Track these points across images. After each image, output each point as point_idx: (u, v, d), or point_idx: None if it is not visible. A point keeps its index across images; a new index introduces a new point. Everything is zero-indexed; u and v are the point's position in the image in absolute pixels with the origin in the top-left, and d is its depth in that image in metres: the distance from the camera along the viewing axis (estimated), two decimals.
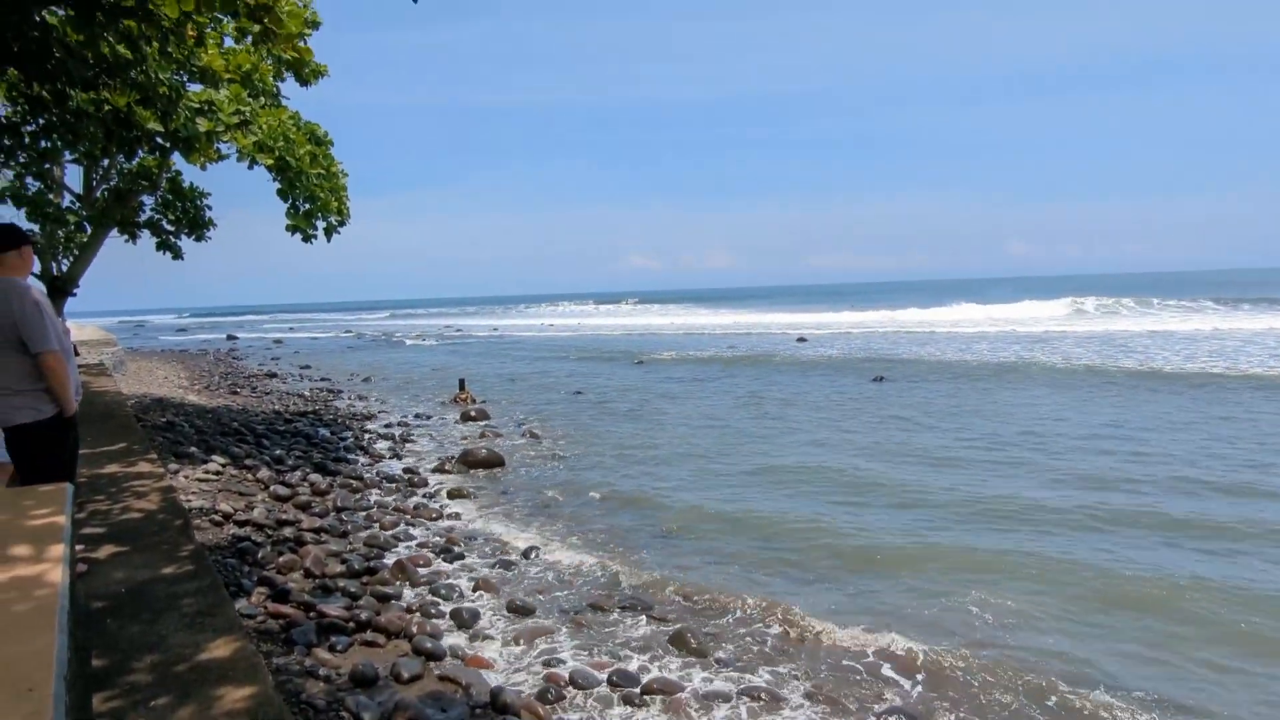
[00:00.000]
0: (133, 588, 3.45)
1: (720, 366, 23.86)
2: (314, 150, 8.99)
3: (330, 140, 9.66)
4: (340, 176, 9.64)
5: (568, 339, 40.33)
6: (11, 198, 12.36)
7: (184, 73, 7.59)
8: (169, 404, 14.10)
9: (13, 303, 3.36)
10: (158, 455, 7.18)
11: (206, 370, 25.30)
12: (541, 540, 7.42)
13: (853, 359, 24.03)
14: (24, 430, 3.50)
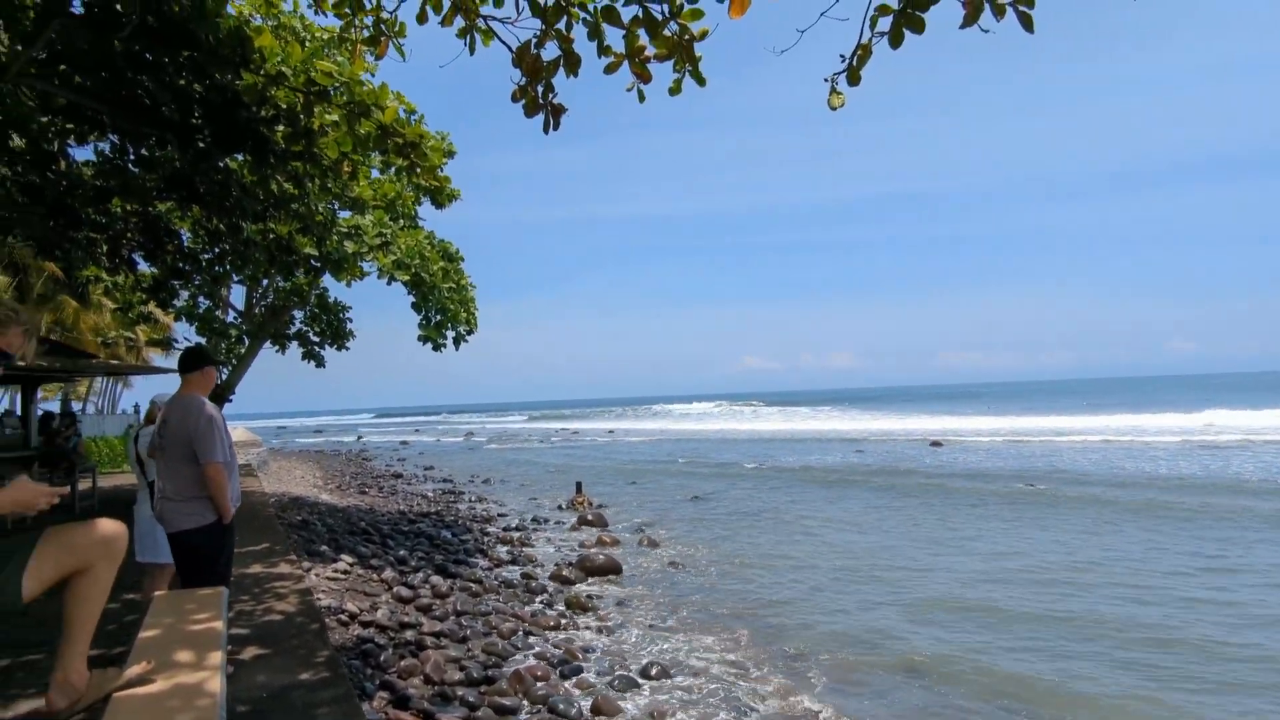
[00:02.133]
0: (274, 692, 3.67)
1: (847, 474, 22.93)
2: (446, 266, 9.91)
3: (461, 256, 10.65)
4: (469, 289, 10.53)
5: (684, 442, 40.17)
6: (186, 315, 14.35)
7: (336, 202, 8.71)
8: (304, 503, 15.21)
9: (189, 418, 3.85)
10: (295, 555, 7.72)
11: (339, 470, 27.24)
12: (660, 657, 7.22)
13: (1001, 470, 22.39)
14: (188, 535, 3.91)
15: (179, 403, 3.91)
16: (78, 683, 2.30)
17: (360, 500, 17.57)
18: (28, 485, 2.12)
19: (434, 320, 10.03)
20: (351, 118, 5.33)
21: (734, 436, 43.81)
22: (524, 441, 47.59)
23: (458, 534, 13.25)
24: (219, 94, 6.08)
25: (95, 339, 25.13)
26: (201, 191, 7.89)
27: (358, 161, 6.77)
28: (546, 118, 3.38)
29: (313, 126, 5.79)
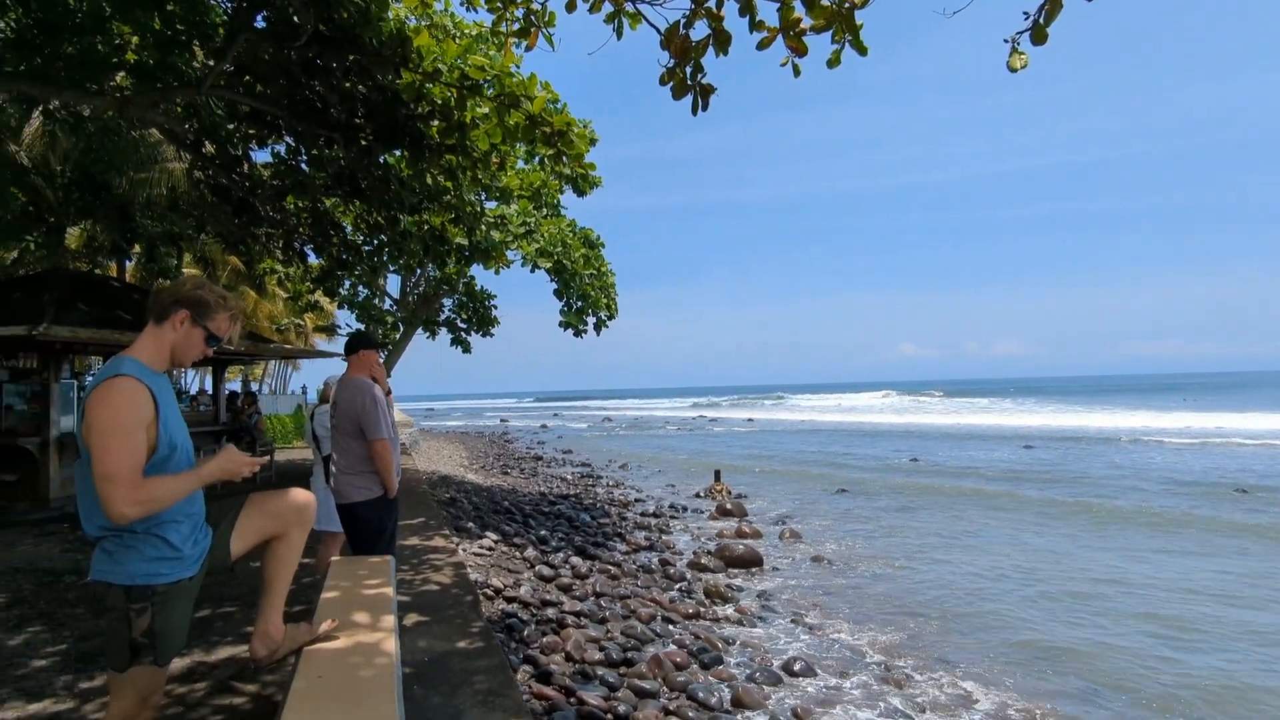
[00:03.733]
0: (434, 658, 4.03)
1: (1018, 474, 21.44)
2: (587, 253, 10.27)
3: (602, 243, 10.99)
4: (610, 275, 10.86)
5: (832, 433, 39.04)
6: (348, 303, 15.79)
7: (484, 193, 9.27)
8: (452, 481, 16.34)
9: (357, 398, 4.27)
10: (448, 530, 8.34)
11: (483, 451, 28.99)
12: (804, 654, 7.16)
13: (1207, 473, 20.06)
14: (357, 507, 4.36)
15: (347, 384, 4.35)
16: (276, 634, 2.64)
17: (503, 481, 18.63)
18: (235, 455, 2.45)
19: (575, 306, 10.45)
20: (501, 109, 5.65)
21: (888, 429, 41.74)
22: (661, 428, 48.32)
23: (596, 517, 13.74)
24: (380, 93, 6.64)
25: (271, 326, 28.26)
26: (363, 186, 8.66)
27: (506, 152, 7.16)
28: (695, 99, 3.42)
29: (465, 120, 6.19)
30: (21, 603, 5.54)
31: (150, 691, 2.28)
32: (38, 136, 15.98)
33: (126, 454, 2.08)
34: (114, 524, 2.13)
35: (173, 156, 17.28)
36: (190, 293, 2.36)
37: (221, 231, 13.06)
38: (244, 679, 3.92)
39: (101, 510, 2.11)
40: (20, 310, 9.79)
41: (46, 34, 8.89)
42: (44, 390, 10.29)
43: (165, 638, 2.23)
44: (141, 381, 2.17)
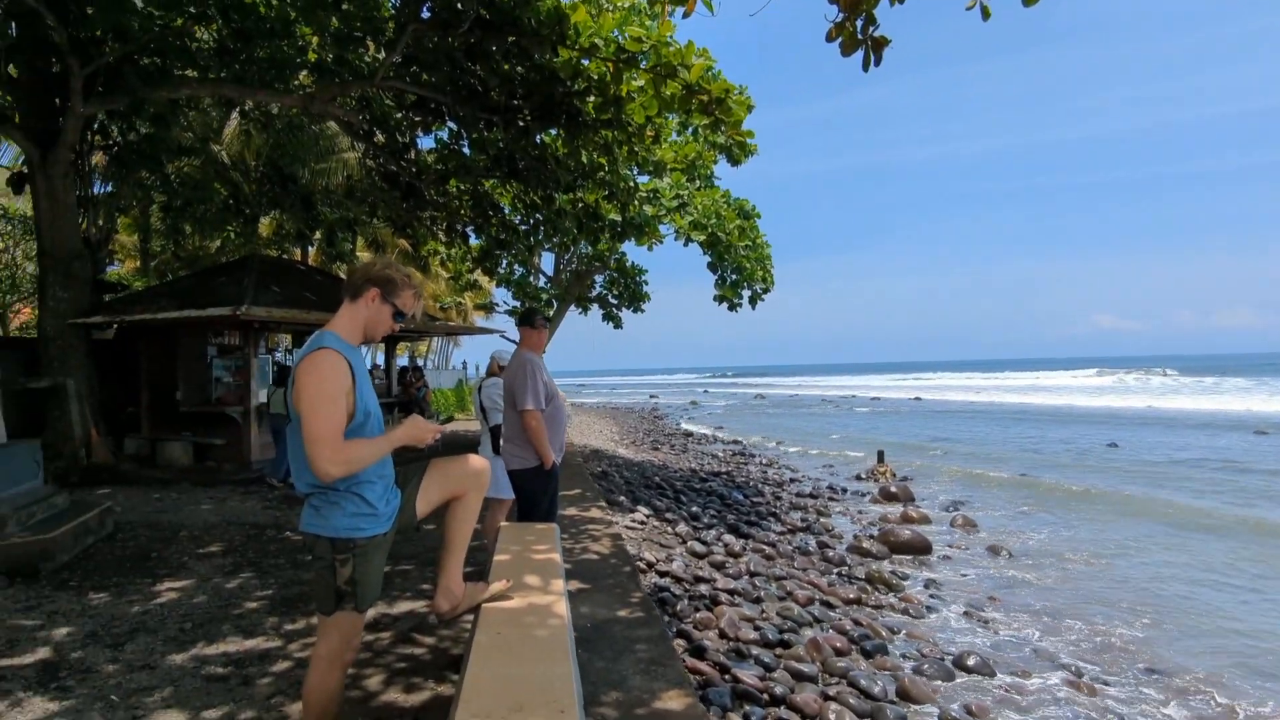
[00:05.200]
0: (596, 624, 4.27)
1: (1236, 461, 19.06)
2: (742, 224, 10.22)
3: (758, 213, 10.87)
4: (765, 247, 10.75)
5: (1014, 414, 36.17)
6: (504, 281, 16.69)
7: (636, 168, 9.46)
8: (603, 455, 16.93)
9: (514, 370, 4.55)
10: (604, 502, 8.70)
11: (633, 426, 29.77)
12: (979, 649, 6.83)
13: None
14: (516, 475, 4.66)
15: (512, 357, 4.66)
16: (457, 591, 2.91)
17: (653, 456, 19.07)
18: (420, 423, 2.71)
19: (730, 280, 10.46)
20: (657, 80, 5.74)
21: (1084, 413, 37.25)
22: (819, 405, 47.31)
23: (749, 495, 13.76)
24: (538, 72, 6.95)
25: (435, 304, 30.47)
26: (521, 167, 9.12)
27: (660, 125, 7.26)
28: (866, 53, 3.30)
29: (620, 94, 6.34)
30: (233, 551, 6.43)
31: (351, 635, 2.60)
32: (235, 136, 18.12)
33: (331, 419, 2.37)
34: (320, 482, 2.44)
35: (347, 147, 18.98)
36: (380, 272, 2.63)
37: (391, 216, 14.24)
38: (422, 631, 4.35)
39: (309, 469, 2.42)
40: (224, 293, 11.23)
41: (243, 41, 10.06)
42: (245, 364, 11.74)
43: (364, 586, 2.53)
44: (341, 353, 2.45)
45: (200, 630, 4.42)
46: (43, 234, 10.52)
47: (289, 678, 3.70)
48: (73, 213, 10.73)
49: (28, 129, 10.01)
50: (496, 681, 2.17)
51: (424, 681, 3.62)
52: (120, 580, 5.54)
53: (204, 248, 21.29)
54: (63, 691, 3.56)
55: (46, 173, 10.09)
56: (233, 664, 3.90)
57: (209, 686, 3.62)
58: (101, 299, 11.64)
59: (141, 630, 4.43)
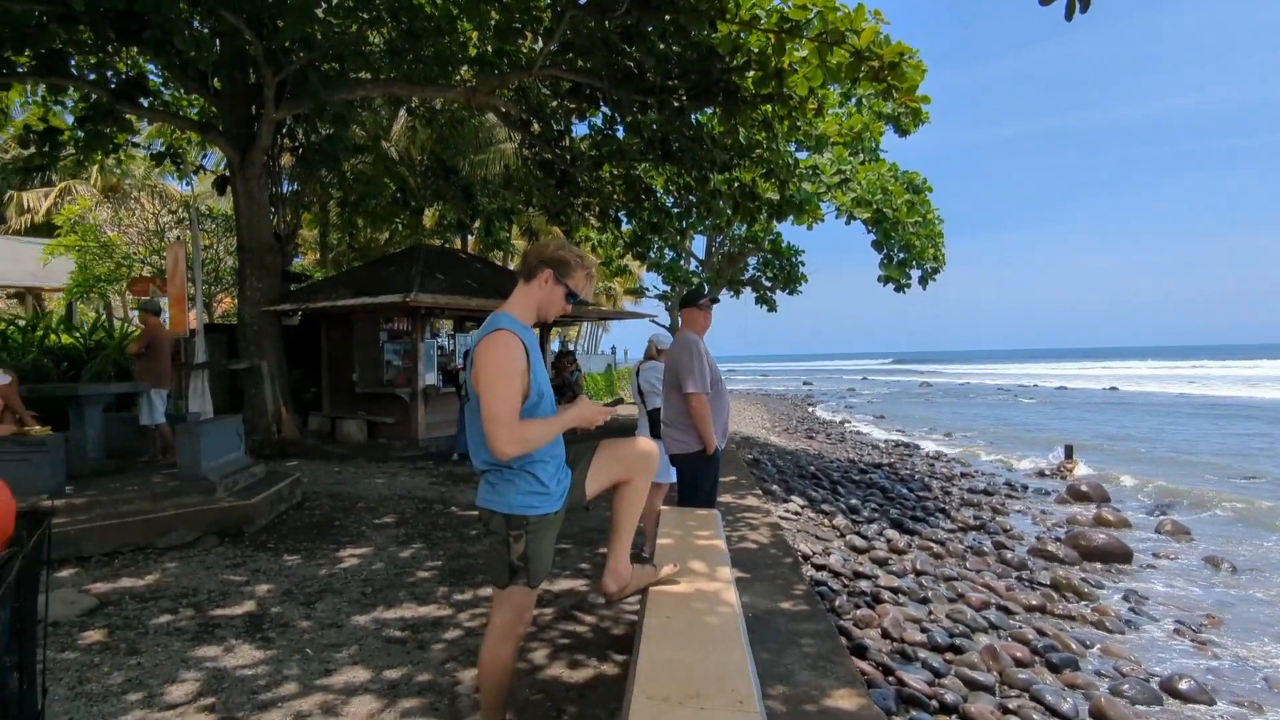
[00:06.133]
0: (758, 614, 4.22)
1: None
2: (911, 199, 9.70)
3: (929, 187, 10.26)
4: (937, 223, 10.14)
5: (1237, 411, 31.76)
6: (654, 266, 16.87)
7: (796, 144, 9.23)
8: (754, 442, 16.76)
9: (677, 352, 4.55)
10: (760, 491, 8.62)
11: (785, 414, 29.28)
12: (1193, 673, 6.14)
13: None
14: (676, 459, 4.67)
15: (675, 339, 4.67)
16: (624, 573, 2.96)
17: (808, 445, 18.65)
18: (590, 405, 2.77)
19: (897, 258, 9.97)
20: (823, 49, 5.53)
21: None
22: (994, 395, 44.39)
23: (914, 490, 13.14)
24: (694, 50, 6.91)
25: None
26: (675, 148, 9.15)
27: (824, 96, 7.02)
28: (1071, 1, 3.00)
29: (783, 65, 6.18)
30: (405, 523, 6.93)
31: (524, 609, 2.71)
32: (402, 133, 19.47)
33: (508, 399, 2.46)
34: (496, 460, 2.54)
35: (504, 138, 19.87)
36: (554, 253, 2.70)
37: (545, 203, 14.77)
38: (582, 609, 4.48)
39: (486, 447, 2.54)
40: (394, 282, 12.12)
41: (411, 40, 10.75)
42: (413, 348, 12.63)
43: (536, 562, 2.62)
44: (517, 334, 2.54)
45: (379, 595, 4.80)
46: (241, 230, 11.82)
47: (460, 645, 3.93)
48: (265, 210, 11.99)
49: (229, 135, 11.26)
50: (670, 666, 2.17)
51: (587, 659, 3.73)
52: (309, 544, 6.13)
53: (374, 239, 23.11)
54: (266, 642, 3.99)
55: (244, 174, 11.31)
56: (409, 628, 4.20)
57: (389, 648, 3.92)
58: (289, 289, 12.95)
59: (329, 591, 4.88)
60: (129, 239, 20.75)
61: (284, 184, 14.84)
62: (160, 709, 3.26)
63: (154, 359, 8.58)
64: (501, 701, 2.70)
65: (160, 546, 5.94)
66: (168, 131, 15.24)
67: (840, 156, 8.70)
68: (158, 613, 4.46)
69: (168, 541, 6.01)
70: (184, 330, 10.40)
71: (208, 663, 3.73)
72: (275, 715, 3.19)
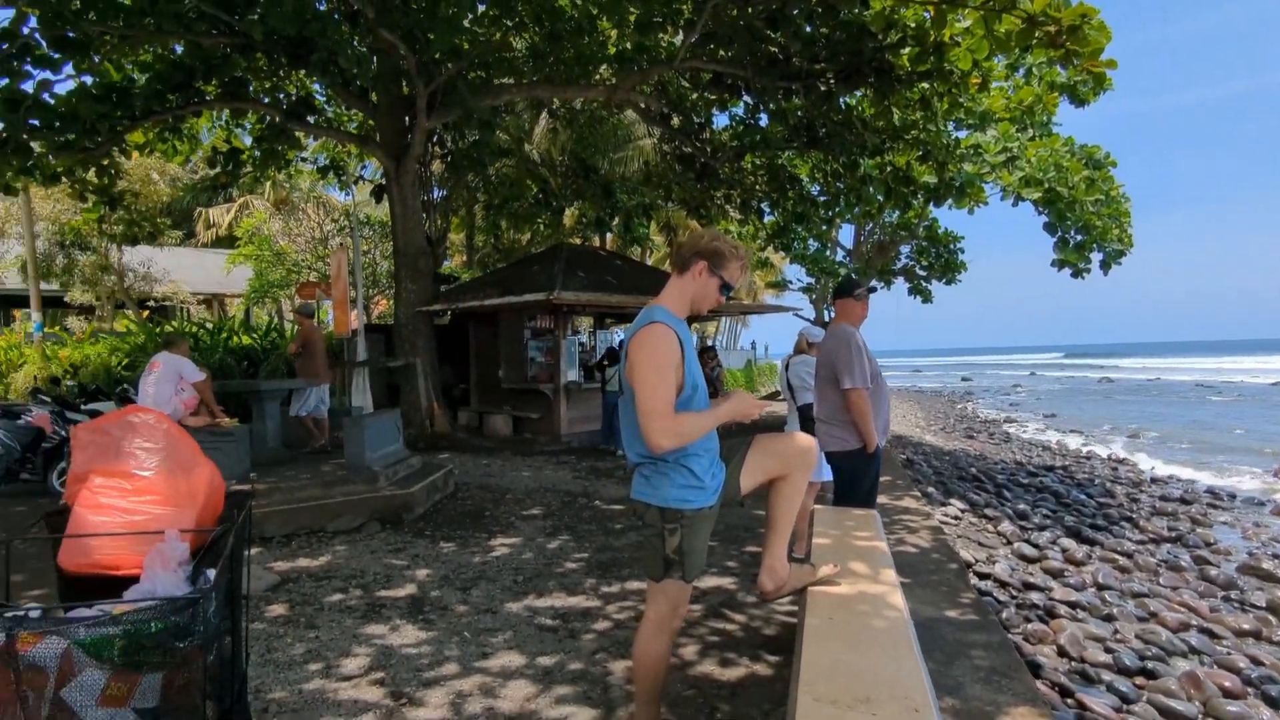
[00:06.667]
0: (921, 621, 4.02)
1: None
2: (1091, 175, 8.91)
3: (1112, 161, 9.37)
4: (1122, 201, 9.26)
5: None
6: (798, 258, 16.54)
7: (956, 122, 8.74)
8: (907, 441, 16.05)
9: (832, 345, 4.41)
10: (918, 492, 8.25)
11: (941, 412, 27.87)
12: None
13: None
14: (832, 457, 4.53)
15: (830, 331, 4.54)
16: (782, 571, 2.91)
17: (967, 445, 17.65)
18: (745, 398, 2.74)
19: (1073, 241, 9.19)
20: (989, 18, 5.17)
21: None
22: (1190, 392, 40.24)
23: (1094, 495, 12.14)
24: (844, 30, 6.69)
25: None
26: (821, 134, 8.91)
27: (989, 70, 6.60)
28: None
29: (943, 39, 5.86)
30: (552, 515, 7.16)
31: (679, 603, 2.71)
32: (544, 135, 20.18)
33: (663, 391, 2.47)
34: (651, 453, 2.57)
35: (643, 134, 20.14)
36: (708, 245, 2.68)
37: (685, 197, 14.85)
38: (732, 608, 4.45)
39: (641, 440, 2.57)
40: (537, 280, 12.58)
41: (553, 42, 11.12)
42: (555, 345, 13.05)
43: (690, 556, 2.62)
44: (671, 327, 2.55)
45: (530, 584, 4.99)
46: (396, 235, 12.67)
47: (610, 636, 4.01)
48: (418, 216, 12.79)
49: (385, 146, 12.10)
50: (835, 668, 2.11)
51: (738, 658, 3.70)
52: (463, 533, 6.47)
53: (517, 240, 24.11)
54: (427, 623, 4.24)
55: (399, 182, 12.12)
56: (559, 617, 4.33)
57: (541, 635, 4.06)
58: (439, 290, 13.75)
59: (483, 578, 5.12)
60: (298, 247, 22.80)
61: (434, 190, 15.77)
62: (337, 679, 3.53)
63: (309, 358, 9.46)
64: (656, 694, 2.72)
65: (330, 530, 6.48)
66: (331, 146, 16.61)
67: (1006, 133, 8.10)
68: (331, 591, 4.86)
69: (337, 526, 6.55)
70: (347, 331, 11.33)
71: (376, 640, 4.01)
72: (439, 693, 3.38)
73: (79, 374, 13.87)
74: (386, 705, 3.28)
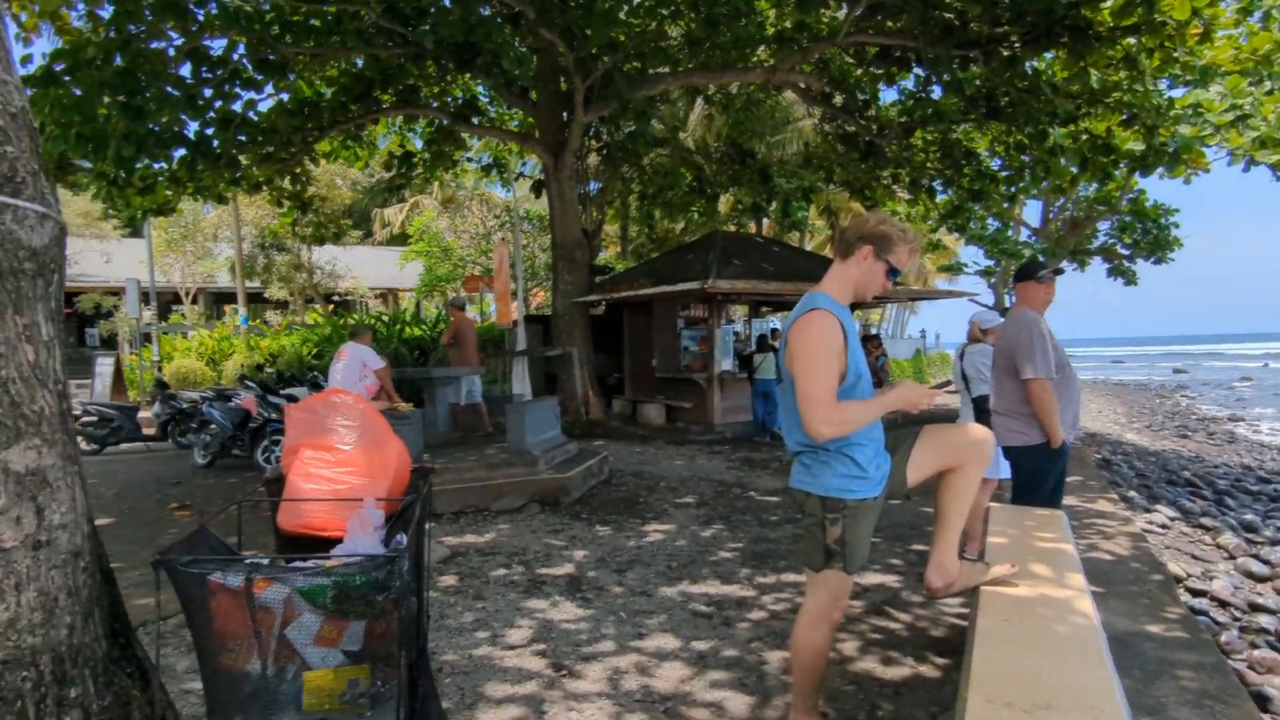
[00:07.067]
0: (1115, 635, 3.69)
1: None
2: None
3: None
4: None
5: None
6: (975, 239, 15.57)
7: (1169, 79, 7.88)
8: (1104, 439, 14.74)
9: (1011, 331, 4.12)
10: (1115, 495, 7.59)
11: (1148, 407, 25.34)
12: None
13: None
14: (1010, 452, 4.24)
15: (1009, 317, 4.25)
16: (951, 568, 2.77)
17: (1179, 445, 15.99)
18: (915, 387, 2.63)
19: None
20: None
21: None
22: None
23: None
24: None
25: None
26: (1004, 103, 8.32)
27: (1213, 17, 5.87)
28: None
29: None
30: (705, 504, 7.20)
31: (839, 594, 2.65)
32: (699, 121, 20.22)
33: (825, 379, 2.42)
34: (811, 441, 2.52)
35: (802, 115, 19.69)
36: (873, 228, 2.59)
37: (848, 179, 14.41)
38: (895, 606, 4.29)
39: (801, 428, 2.52)
40: (692, 269, 12.64)
41: (709, 28, 11.11)
42: (709, 334, 13.08)
43: (853, 548, 2.55)
44: (834, 313, 2.49)
45: (684, 570, 5.05)
46: (554, 228, 13.19)
47: (765, 626, 3.99)
48: (575, 209, 13.25)
49: (544, 142, 12.61)
50: (1011, 672, 1.99)
51: (902, 657, 3.57)
52: (617, 518, 6.65)
53: (670, 229, 24.36)
54: (584, 601, 4.41)
55: (557, 176, 12.61)
56: (713, 604, 4.36)
57: (695, 620, 4.11)
58: (594, 281, 14.17)
59: (637, 562, 5.24)
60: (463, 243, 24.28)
61: (590, 184, 16.26)
62: (502, 648, 3.77)
63: (462, 347, 10.10)
64: (815, 685, 2.69)
65: (494, 510, 6.88)
66: (493, 145, 17.54)
67: (1236, 88, 7.10)
68: (495, 566, 5.17)
69: (500, 506, 6.94)
70: (508, 322, 11.96)
71: (537, 613, 4.23)
72: (596, 668, 3.51)
73: (277, 362, 15.65)
74: (548, 675, 3.46)
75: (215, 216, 26.77)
